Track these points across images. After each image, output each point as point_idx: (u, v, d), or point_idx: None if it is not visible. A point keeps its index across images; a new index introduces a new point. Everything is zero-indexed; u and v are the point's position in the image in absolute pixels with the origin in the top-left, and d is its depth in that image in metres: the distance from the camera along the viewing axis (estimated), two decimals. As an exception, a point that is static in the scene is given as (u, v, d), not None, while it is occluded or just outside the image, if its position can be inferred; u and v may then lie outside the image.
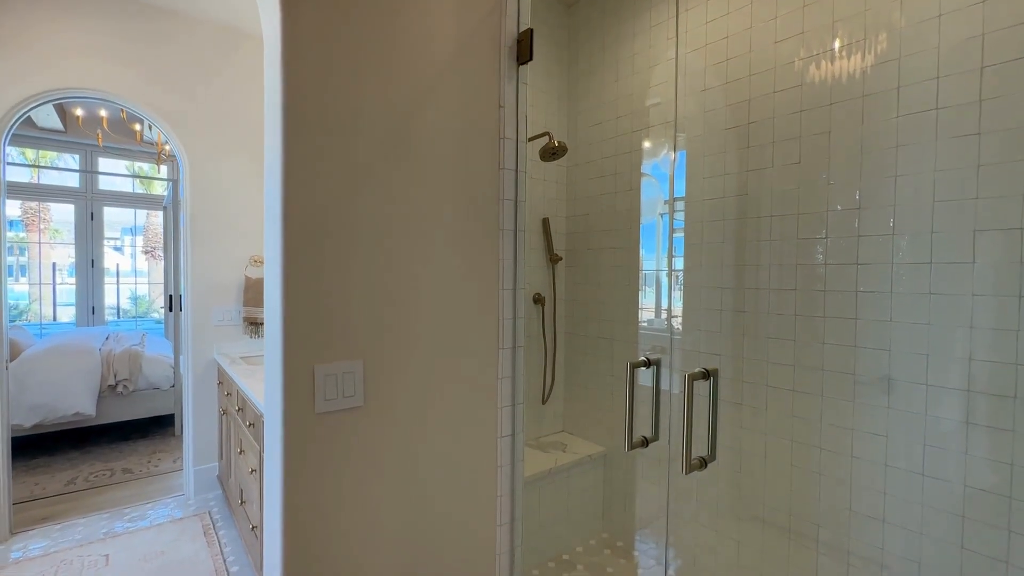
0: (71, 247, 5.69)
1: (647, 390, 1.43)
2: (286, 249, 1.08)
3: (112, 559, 2.17)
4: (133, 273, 6.45)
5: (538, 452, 2.30)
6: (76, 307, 5.64)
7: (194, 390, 2.78)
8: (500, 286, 1.44)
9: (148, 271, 6.67)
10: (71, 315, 5.76)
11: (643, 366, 1.16)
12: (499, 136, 1.43)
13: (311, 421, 1.12)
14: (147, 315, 6.72)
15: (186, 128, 2.73)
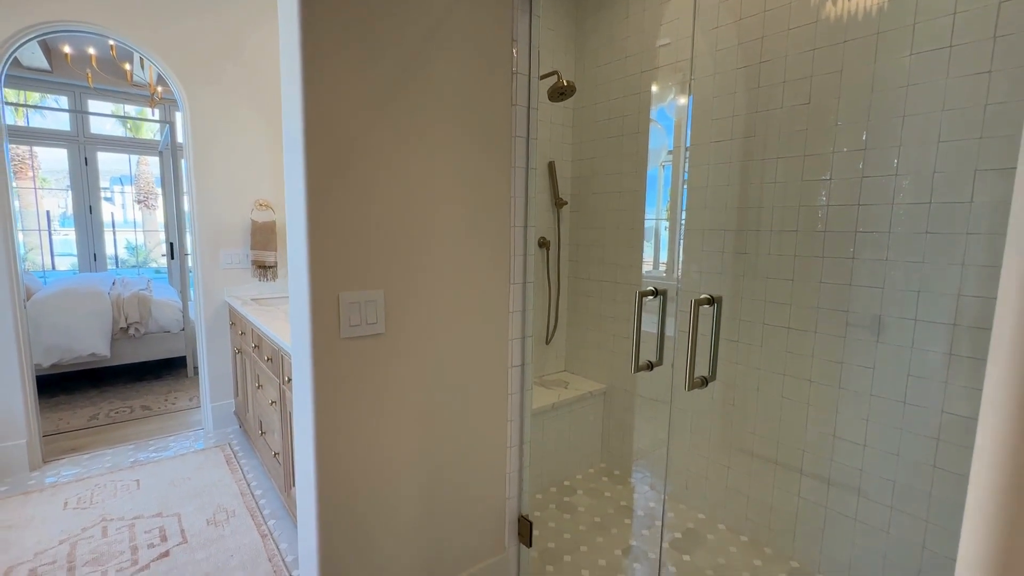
0: (62, 194, 5.62)
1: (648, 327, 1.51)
2: (309, 181, 1.11)
3: (142, 483, 2.32)
4: (125, 224, 6.38)
5: (541, 389, 2.41)
6: (78, 255, 5.64)
7: (207, 331, 2.86)
8: (512, 223, 1.48)
9: (142, 221, 6.58)
10: (68, 265, 5.77)
11: (651, 295, 1.23)
12: (512, 72, 1.43)
13: (337, 345, 1.19)
14: (145, 264, 6.71)
15: (185, 67, 2.66)
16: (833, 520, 1.72)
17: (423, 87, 1.26)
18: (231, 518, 2.05)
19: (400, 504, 1.35)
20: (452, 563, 1.50)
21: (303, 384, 1.21)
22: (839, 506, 1.70)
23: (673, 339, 1.50)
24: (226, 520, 2.04)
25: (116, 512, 2.09)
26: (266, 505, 2.16)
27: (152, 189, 6.47)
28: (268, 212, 2.94)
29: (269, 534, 1.96)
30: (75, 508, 2.12)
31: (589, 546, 1.91)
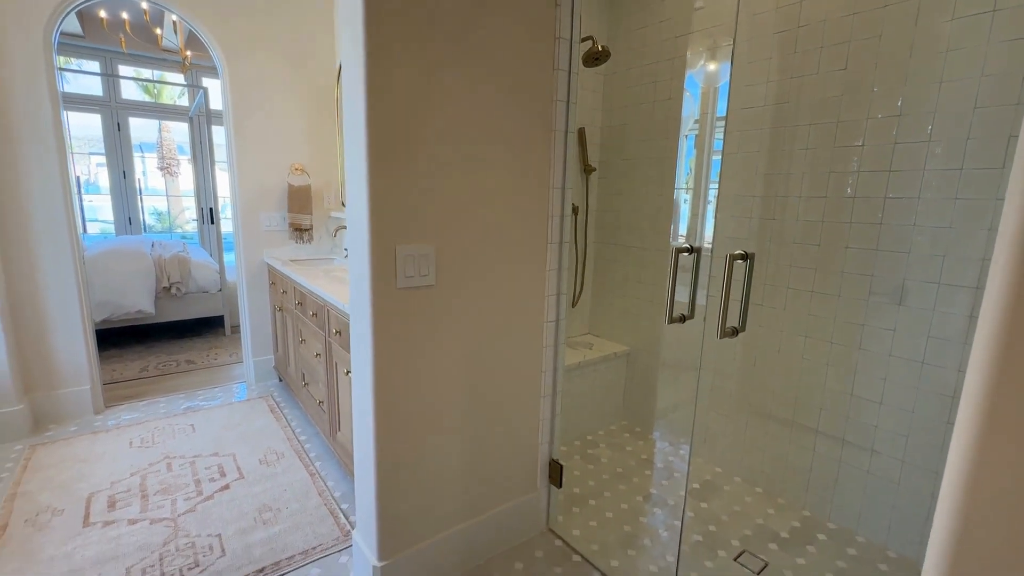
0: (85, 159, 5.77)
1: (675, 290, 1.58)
2: (370, 141, 1.19)
3: (197, 427, 2.52)
4: (147, 190, 6.44)
5: (567, 349, 2.52)
6: (114, 219, 5.85)
7: (248, 290, 3.01)
8: (551, 184, 1.55)
9: (165, 188, 6.68)
10: (98, 229, 5.98)
11: (686, 251, 1.30)
12: (555, 36, 1.47)
13: (393, 295, 1.30)
14: (171, 230, 6.87)
15: (226, 34, 2.72)
16: (846, 473, 1.82)
17: (473, 53, 1.32)
18: (281, 459, 2.23)
19: (445, 444, 1.49)
20: (490, 499, 1.64)
21: (362, 332, 1.33)
22: (852, 460, 1.80)
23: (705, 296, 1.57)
24: (276, 460, 2.22)
25: (177, 451, 2.28)
26: (311, 448, 2.33)
27: (174, 156, 6.55)
28: (304, 177, 3.04)
29: (317, 473, 2.13)
30: (139, 447, 2.32)
31: (612, 492, 2.05)
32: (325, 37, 3.03)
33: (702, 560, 1.69)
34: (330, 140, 3.16)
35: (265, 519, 1.82)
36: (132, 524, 1.78)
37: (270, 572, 1.58)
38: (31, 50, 2.29)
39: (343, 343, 1.88)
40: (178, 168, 6.39)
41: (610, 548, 1.72)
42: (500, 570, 1.61)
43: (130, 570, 1.57)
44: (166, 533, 1.73)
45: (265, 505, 1.90)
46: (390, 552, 1.43)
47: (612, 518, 1.89)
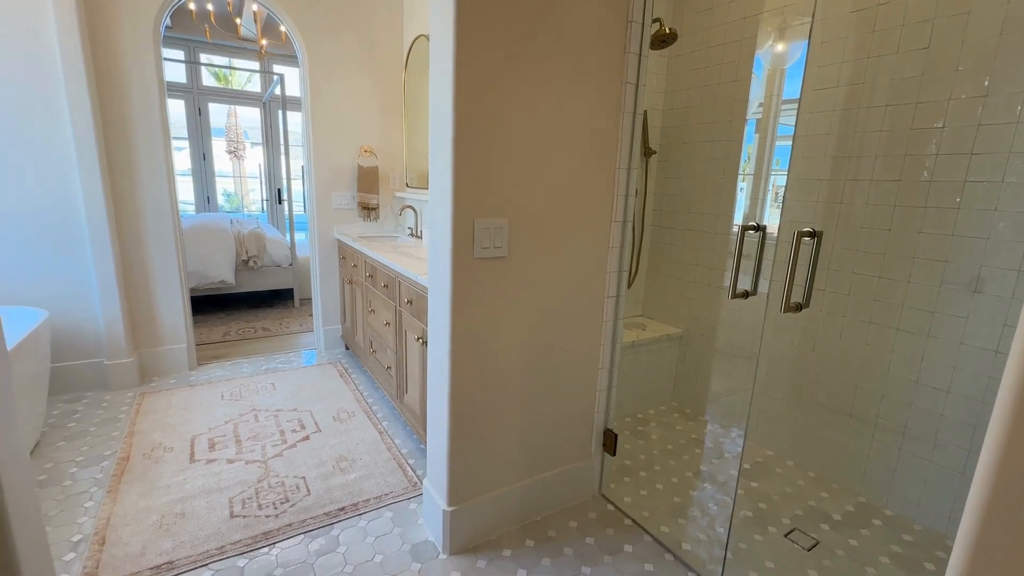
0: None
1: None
2: (456, 123, 1.30)
3: (277, 386, 2.77)
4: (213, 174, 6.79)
5: (621, 329, 2.59)
6: (194, 197, 6.34)
7: (320, 263, 3.25)
8: (617, 164, 1.62)
9: (232, 170, 7.09)
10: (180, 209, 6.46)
11: (752, 230, 1.34)
12: (627, 19, 1.52)
13: (470, 264, 1.41)
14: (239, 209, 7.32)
15: (308, 24, 2.91)
16: (906, 461, 1.81)
17: (549, 36, 1.39)
18: (352, 417, 2.44)
19: (510, 406, 1.60)
20: (548, 461, 1.75)
21: (441, 299, 1.45)
22: (913, 448, 1.79)
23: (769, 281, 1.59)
24: (348, 418, 2.43)
25: (262, 405, 2.54)
26: (378, 410, 2.53)
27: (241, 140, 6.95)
28: (372, 158, 3.22)
29: (384, 431, 2.32)
30: (229, 399, 2.59)
31: (662, 467, 2.12)
32: (393, 26, 3.17)
33: (751, 533, 1.74)
34: (396, 124, 3.32)
35: (342, 467, 2.02)
36: (230, 463, 2.02)
37: (350, 511, 1.76)
38: (142, 42, 2.55)
39: (414, 312, 2.03)
40: (244, 152, 6.81)
41: (660, 516, 1.80)
42: (555, 527, 1.73)
43: (232, 500, 1.79)
44: (259, 472, 1.96)
45: (341, 456, 2.10)
46: (458, 500, 1.57)
47: (662, 489, 1.96)
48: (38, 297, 2.45)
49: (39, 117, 2.34)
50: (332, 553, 1.57)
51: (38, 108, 2.33)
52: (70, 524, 1.65)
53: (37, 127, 2.34)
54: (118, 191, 2.60)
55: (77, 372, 2.60)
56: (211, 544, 1.58)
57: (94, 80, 2.43)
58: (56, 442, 2.14)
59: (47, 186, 2.40)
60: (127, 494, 1.81)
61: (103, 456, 2.05)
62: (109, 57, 2.49)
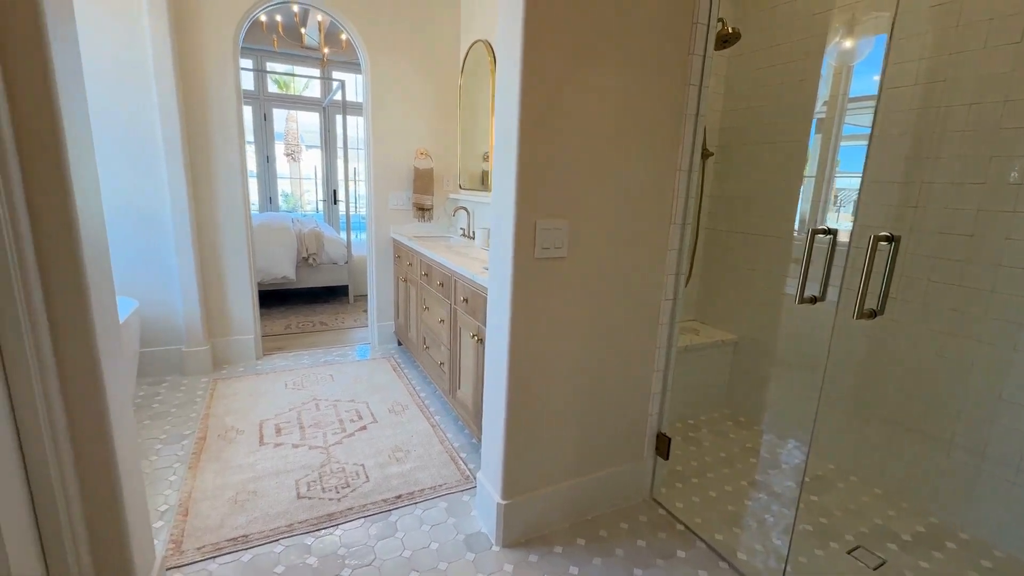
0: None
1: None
2: (521, 125, 1.34)
3: (335, 378, 2.91)
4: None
5: (673, 332, 2.55)
6: (258, 198, 6.71)
7: (376, 260, 3.38)
8: (678, 166, 1.61)
9: (289, 172, 7.42)
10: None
11: (823, 233, 1.31)
12: (693, 21, 1.52)
13: (531, 264, 1.45)
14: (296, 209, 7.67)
15: (372, 35, 3.04)
16: (986, 482, 1.70)
17: (614, 39, 1.41)
18: (405, 410, 2.53)
19: (565, 405, 1.63)
20: (600, 462, 1.76)
21: (501, 297, 1.50)
22: (994, 469, 1.67)
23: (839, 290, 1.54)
24: (402, 411, 2.52)
25: (322, 395, 2.67)
26: (430, 404, 2.61)
27: (298, 143, 7.28)
28: (427, 160, 3.33)
29: (437, 425, 2.39)
30: (292, 388, 2.74)
31: (715, 474, 2.08)
32: (451, 33, 3.26)
33: (812, 548, 1.68)
34: (451, 127, 3.41)
35: (398, 457, 2.10)
36: (295, 448, 2.14)
37: (406, 500, 1.84)
38: (223, 52, 2.75)
39: (469, 310, 2.09)
40: (300, 154, 7.14)
41: (714, 523, 1.77)
42: (606, 527, 1.74)
43: (298, 482, 1.91)
44: (321, 458, 2.07)
45: (396, 446, 2.19)
46: (511, 493, 1.61)
47: (715, 497, 1.93)
48: (129, 287, 2.68)
49: (136, 125, 2.56)
50: (391, 538, 1.64)
51: (135, 118, 2.56)
52: (157, 496, 1.81)
53: (134, 134, 2.57)
54: (198, 192, 2.81)
55: (159, 357, 2.83)
56: (280, 522, 1.69)
57: (181, 91, 2.64)
58: (143, 420, 2.34)
59: (140, 187, 2.63)
60: (205, 471, 1.96)
61: (183, 435, 2.23)
62: (194, 68, 2.70)
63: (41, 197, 0.95)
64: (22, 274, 0.94)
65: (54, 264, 0.99)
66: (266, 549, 1.57)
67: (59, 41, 0.96)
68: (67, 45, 1.00)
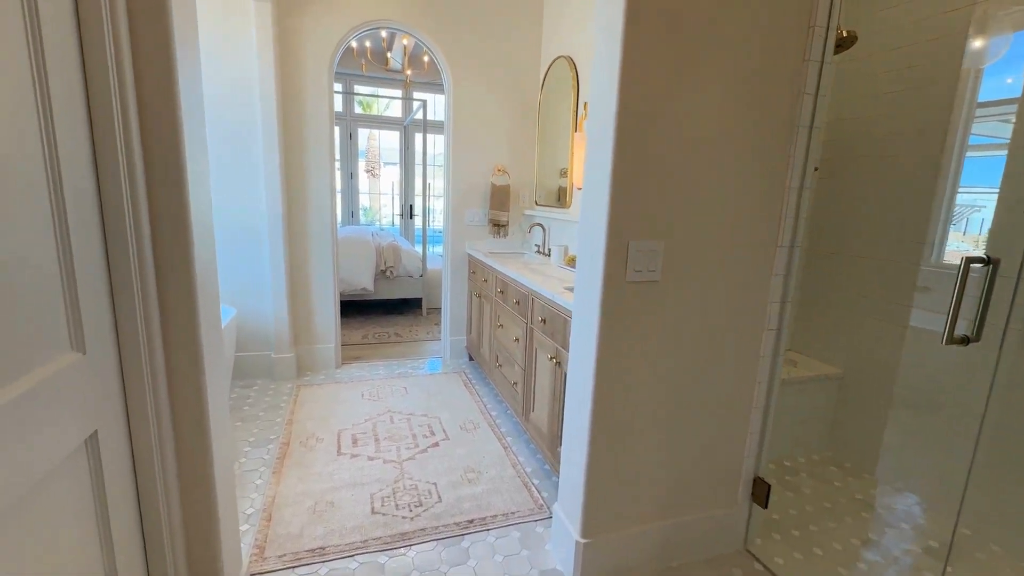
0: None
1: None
2: (617, 141, 1.27)
3: (409, 390, 2.95)
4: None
5: (767, 363, 2.33)
6: (342, 212, 7.10)
7: (451, 275, 3.42)
8: (787, 184, 1.46)
9: (368, 187, 7.76)
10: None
11: (979, 262, 1.11)
12: (809, 25, 1.38)
13: (622, 287, 1.36)
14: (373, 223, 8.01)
15: (456, 59, 3.11)
16: None
17: (719, 47, 1.31)
18: (476, 428, 2.50)
19: (651, 439, 1.50)
20: (688, 505, 1.61)
21: (588, 321, 1.42)
22: None
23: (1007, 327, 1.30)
24: (473, 429, 2.49)
25: (396, 407, 2.71)
26: (501, 424, 2.56)
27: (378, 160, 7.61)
28: (504, 177, 3.33)
29: (508, 447, 2.33)
30: (368, 399, 2.81)
31: (819, 528, 1.84)
32: (531, 50, 3.26)
33: (948, 631, 1.42)
34: (529, 143, 3.40)
35: (469, 478, 2.06)
36: (370, 460, 2.17)
37: (478, 525, 1.78)
38: (319, 75, 2.92)
39: (547, 331, 2.02)
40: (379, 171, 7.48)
41: (821, 587, 1.56)
42: (694, 578, 1.58)
43: (373, 496, 1.91)
44: (395, 473, 2.08)
45: (469, 466, 2.15)
46: (591, 532, 1.50)
47: (821, 556, 1.70)
48: (228, 295, 2.88)
49: (239, 142, 2.77)
50: (463, 565, 1.59)
51: (239, 135, 2.77)
52: (243, 499, 1.88)
53: (237, 150, 2.78)
54: (291, 207, 2.98)
55: (250, 362, 3.01)
56: (356, 536, 1.69)
57: (281, 111, 2.83)
58: (235, 423, 2.48)
59: (240, 200, 2.83)
60: (288, 477, 2.02)
61: (269, 439, 2.33)
62: (293, 90, 2.88)
63: (161, 201, 1.01)
64: (141, 277, 1.00)
65: (169, 269, 1.04)
66: (342, 564, 1.57)
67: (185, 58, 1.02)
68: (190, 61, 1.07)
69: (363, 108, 7.45)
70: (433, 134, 6.15)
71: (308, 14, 2.84)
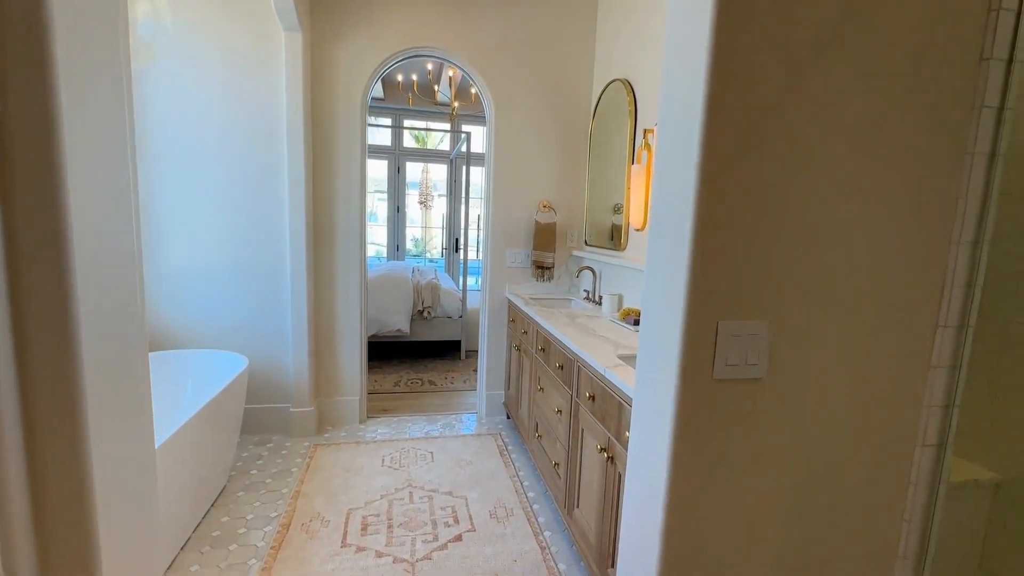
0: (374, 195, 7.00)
1: None
2: (704, 170, 0.87)
3: (435, 457, 2.58)
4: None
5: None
6: (387, 245, 7.02)
7: (488, 323, 3.06)
8: (955, 237, 1.00)
9: (421, 218, 7.69)
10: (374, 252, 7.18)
11: None
12: (988, 8, 0.94)
13: (707, 389, 0.93)
14: (423, 254, 7.90)
15: (498, 83, 2.85)
16: None
17: (846, 54, 0.90)
18: (510, 516, 2.07)
19: (747, 596, 1.04)
20: None
21: (655, 428, 1.00)
22: None
23: None
24: (506, 517, 2.07)
25: (418, 480, 2.34)
26: (540, 512, 2.12)
27: (430, 192, 7.52)
28: (550, 214, 2.98)
29: (546, 546, 1.89)
30: (389, 467, 2.45)
31: None
32: (582, 75, 2.95)
33: None
34: (578, 176, 3.04)
35: (496, 595, 1.64)
36: (379, 557, 1.79)
37: (501, 676, 1.35)
38: (351, 113, 2.73)
39: (596, 411, 1.60)
40: (432, 202, 7.38)
41: None
42: None
43: (373, 616, 1.53)
44: (405, 579, 1.69)
45: (496, 574, 1.73)
46: None
47: None
48: (243, 341, 2.66)
49: (264, 178, 2.60)
50: None
51: (265, 171, 2.59)
52: (223, 604, 1.56)
53: (263, 187, 2.60)
54: (317, 246, 2.76)
55: (267, 415, 2.76)
56: None
57: (309, 146, 2.65)
58: (237, 492, 2.19)
59: (262, 239, 2.64)
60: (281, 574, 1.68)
61: (269, 517, 2.01)
62: (324, 124, 2.70)
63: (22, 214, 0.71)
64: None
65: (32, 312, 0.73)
66: None
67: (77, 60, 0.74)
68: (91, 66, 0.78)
69: (418, 142, 7.44)
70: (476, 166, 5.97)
71: (342, 43, 2.67)
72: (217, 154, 2.54)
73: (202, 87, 2.47)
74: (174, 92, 2.45)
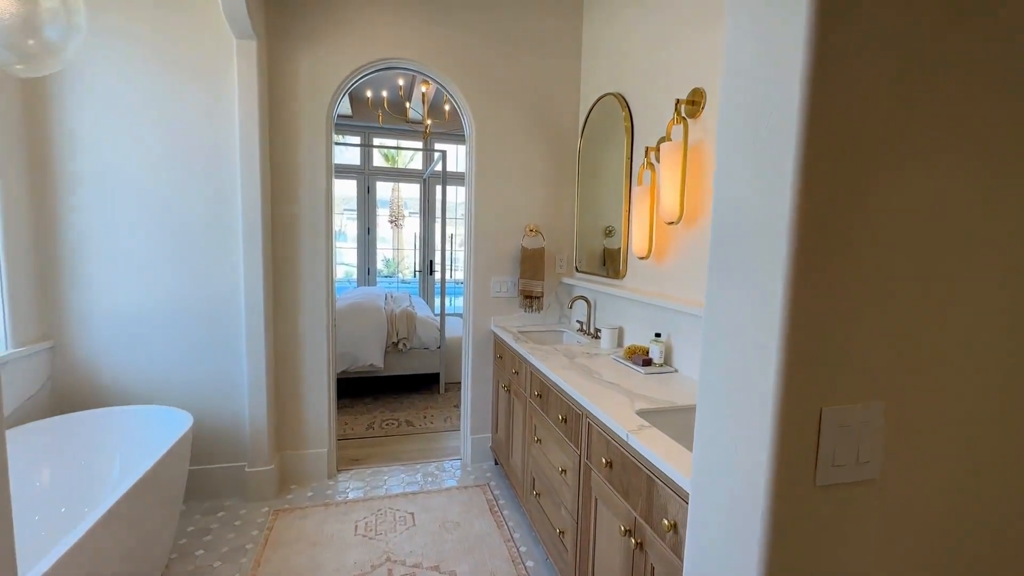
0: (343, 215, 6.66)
1: None
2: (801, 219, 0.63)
3: (417, 518, 2.25)
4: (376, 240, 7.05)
5: None
6: (357, 268, 6.65)
7: (472, 360, 2.77)
8: (1095, 281, 0.78)
9: (392, 238, 7.35)
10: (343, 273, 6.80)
11: None
12: None
13: (807, 496, 0.68)
14: (394, 275, 7.56)
15: (478, 96, 2.62)
16: None
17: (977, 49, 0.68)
18: (507, 596, 1.77)
19: None
20: None
21: (734, 556, 0.74)
22: None
23: None
24: (503, 598, 1.76)
25: (398, 551, 2.01)
26: (542, 587, 1.83)
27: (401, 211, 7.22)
28: (538, 239, 2.74)
29: (554, 638, 1.59)
30: (363, 536, 2.11)
31: None
32: (569, 89, 2.75)
33: None
34: (567, 198, 2.82)
35: None
36: (351, 669, 1.46)
37: None
38: (315, 129, 2.44)
39: (615, 481, 1.33)
40: (403, 221, 7.07)
41: None
42: None
43: None
44: None
45: None
46: None
47: None
48: (184, 396, 2.29)
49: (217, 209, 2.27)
50: None
51: (218, 196, 2.26)
52: None
53: (213, 217, 2.27)
54: (277, 278, 2.43)
55: (218, 477, 2.37)
56: None
57: (266, 167, 2.34)
58: (176, 582, 1.81)
59: (211, 277, 2.29)
60: None
61: (215, 617, 1.65)
62: (285, 144, 2.40)
63: None
64: None
65: None
66: None
67: None
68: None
69: (388, 161, 7.14)
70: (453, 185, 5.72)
71: (303, 54, 2.39)
72: (155, 175, 2.20)
73: (136, 98, 2.14)
74: (103, 105, 2.11)
